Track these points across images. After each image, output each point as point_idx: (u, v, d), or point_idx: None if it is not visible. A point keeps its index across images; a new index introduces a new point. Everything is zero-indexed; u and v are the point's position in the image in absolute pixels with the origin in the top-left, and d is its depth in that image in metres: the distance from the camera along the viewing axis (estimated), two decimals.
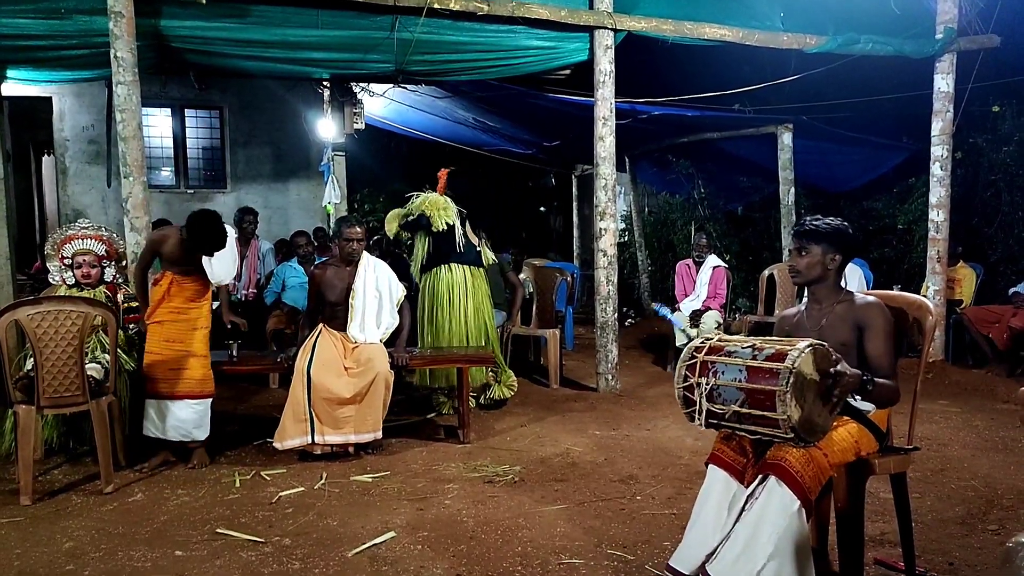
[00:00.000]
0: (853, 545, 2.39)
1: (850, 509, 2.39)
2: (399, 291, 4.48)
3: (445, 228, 5.02)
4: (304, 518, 3.28)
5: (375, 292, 4.38)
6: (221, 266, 4.14)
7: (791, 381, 2.07)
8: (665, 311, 3.13)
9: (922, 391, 2.65)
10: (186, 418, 3.99)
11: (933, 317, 2.56)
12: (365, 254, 4.42)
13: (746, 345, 2.25)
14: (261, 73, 6.06)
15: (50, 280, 4.35)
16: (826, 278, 2.56)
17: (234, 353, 4.46)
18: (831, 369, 2.16)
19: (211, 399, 4.10)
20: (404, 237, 5.29)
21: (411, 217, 5.07)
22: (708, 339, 2.36)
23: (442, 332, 5.08)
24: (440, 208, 5.04)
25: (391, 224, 5.20)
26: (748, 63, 6.88)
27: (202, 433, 4.04)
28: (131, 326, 4.28)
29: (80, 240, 4.25)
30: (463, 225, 5.17)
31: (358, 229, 4.34)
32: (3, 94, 6.23)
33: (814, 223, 2.57)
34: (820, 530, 2.71)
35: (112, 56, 4.49)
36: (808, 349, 2.14)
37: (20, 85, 6.32)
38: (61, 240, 4.27)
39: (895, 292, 2.82)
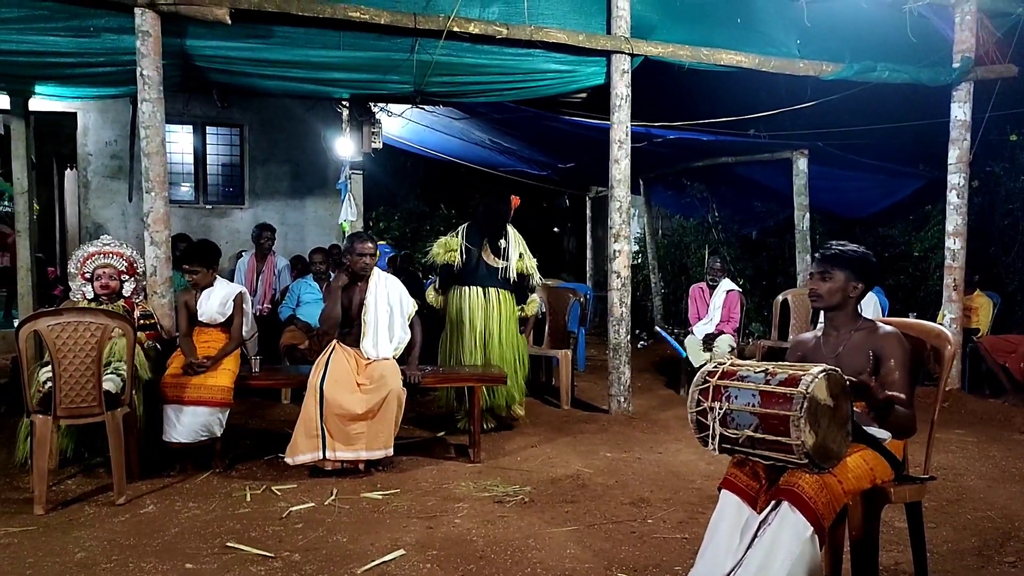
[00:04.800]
0: (867, 574, 2.36)
1: (865, 538, 2.37)
2: (410, 306, 4.51)
3: (453, 261, 5.24)
4: (314, 534, 3.28)
5: (387, 307, 4.41)
6: (209, 305, 4.47)
7: (805, 407, 2.07)
8: (666, 335, 3.07)
9: (938, 420, 2.63)
10: (208, 422, 4.16)
11: (952, 346, 2.55)
12: (376, 269, 4.46)
13: (759, 370, 2.25)
14: (282, 92, 6.15)
15: (71, 297, 4.43)
16: (846, 305, 2.55)
17: (256, 368, 4.52)
18: (842, 397, 2.15)
19: (229, 408, 4.27)
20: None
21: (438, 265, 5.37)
22: (721, 363, 2.36)
23: (455, 350, 5.25)
24: (442, 248, 5.32)
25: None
26: (764, 89, 6.91)
27: (220, 430, 4.22)
28: (148, 343, 4.34)
29: (101, 256, 4.36)
30: (481, 249, 5.23)
31: (370, 245, 4.40)
32: (30, 109, 6.37)
33: (840, 247, 2.55)
34: (834, 558, 2.67)
35: (138, 74, 4.59)
36: (822, 375, 2.14)
37: (47, 100, 6.45)
38: (84, 257, 4.37)
39: (913, 320, 2.81)
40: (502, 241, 5.24)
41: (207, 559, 3.00)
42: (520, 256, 5.28)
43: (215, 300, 4.44)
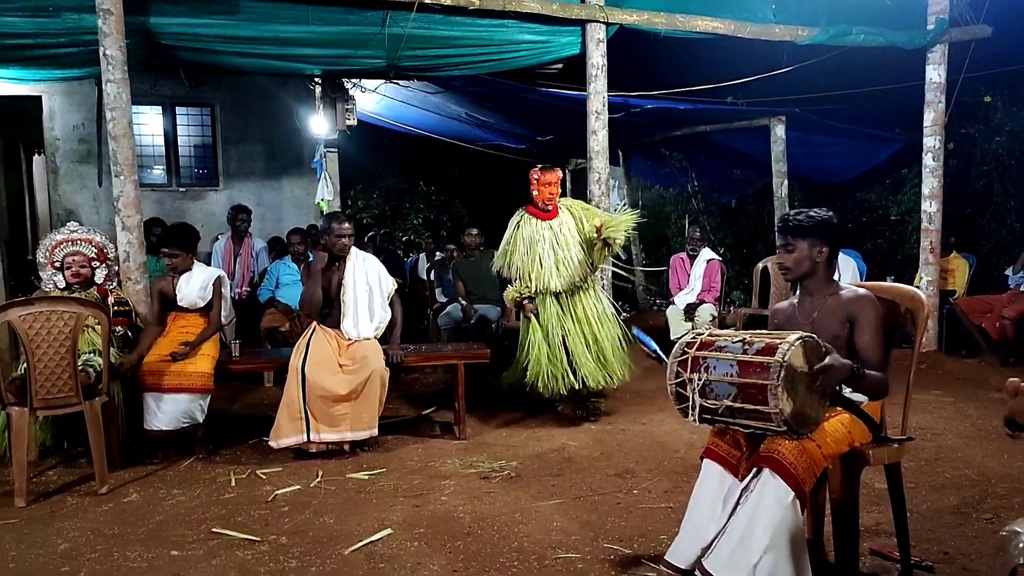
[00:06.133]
0: (848, 536, 2.40)
1: (845, 500, 2.40)
2: (390, 284, 4.47)
3: None
4: (300, 516, 3.28)
5: (365, 286, 4.37)
6: (190, 290, 4.39)
7: (782, 375, 2.08)
8: (645, 339, 2.80)
9: (916, 381, 2.65)
10: (189, 409, 4.12)
11: (925, 308, 2.56)
12: (354, 249, 4.42)
13: (736, 339, 2.26)
14: (252, 70, 6.03)
15: (42, 287, 4.34)
16: (816, 271, 2.55)
17: (236, 353, 4.49)
18: (818, 363, 2.16)
19: (210, 394, 4.23)
20: None
21: None
22: (699, 334, 2.36)
23: None
24: None
25: None
26: (741, 56, 6.87)
27: (202, 416, 4.18)
28: (117, 328, 4.27)
29: (70, 244, 4.28)
30: None
31: (348, 225, 4.35)
32: None
33: (797, 218, 2.55)
34: (816, 521, 2.72)
35: (101, 54, 4.45)
36: (798, 342, 2.15)
37: (9, 84, 6.28)
38: (52, 246, 4.29)
39: (888, 283, 2.83)
40: None
41: (193, 545, 2.98)
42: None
43: (195, 285, 4.37)
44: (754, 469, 2.20)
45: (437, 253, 8.78)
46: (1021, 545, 1.44)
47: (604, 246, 4.62)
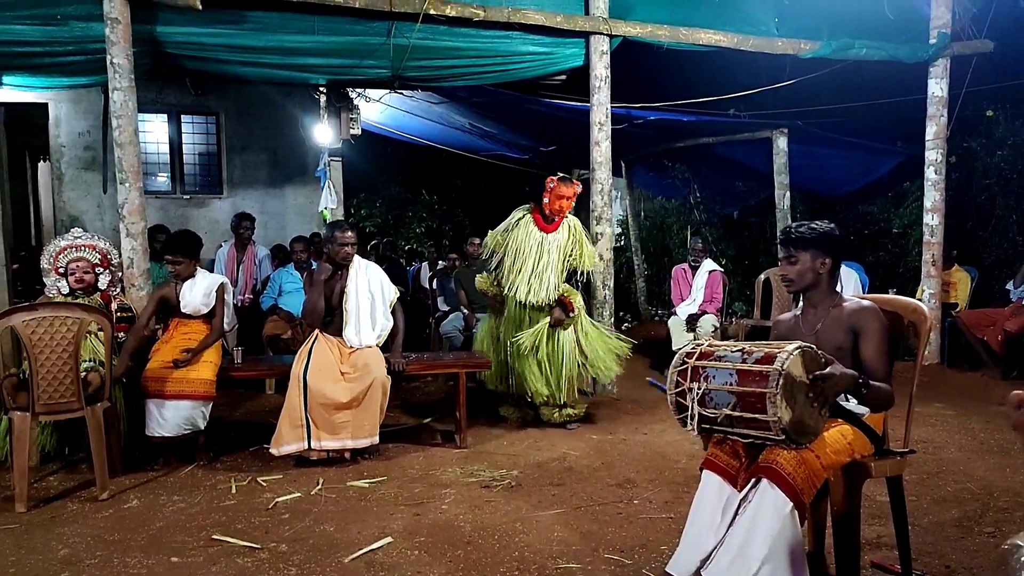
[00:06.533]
0: (849, 548, 2.39)
1: (846, 512, 2.39)
2: (392, 292, 4.49)
3: None
4: (301, 524, 3.27)
5: (368, 294, 4.39)
6: (193, 296, 4.39)
7: (781, 383, 2.09)
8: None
9: (918, 394, 2.65)
10: (191, 415, 4.11)
11: (928, 320, 2.57)
12: (356, 257, 4.43)
13: (736, 349, 2.27)
14: (258, 79, 6.06)
15: (46, 293, 4.36)
16: (819, 283, 2.56)
17: (238, 359, 4.49)
18: (819, 371, 2.17)
19: (212, 401, 4.23)
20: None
21: None
22: (699, 344, 2.38)
23: None
24: None
25: None
26: (743, 68, 6.90)
27: (204, 423, 4.17)
28: (120, 335, 4.28)
29: (74, 249, 4.29)
30: None
31: (351, 233, 4.37)
32: None
33: (799, 230, 2.56)
34: (817, 533, 2.71)
35: (108, 62, 4.49)
36: (797, 351, 2.16)
37: (15, 91, 6.31)
38: (56, 252, 4.30)
39: (891, 296, 2.83)
40: None
41: (193, 552, 2.98)
42: None
43: (199, 291, 4.38)
44: (752, 479, 2.20)
45: (439, 262, 8.80)
46: (1023, 559, 1.43)
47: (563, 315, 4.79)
